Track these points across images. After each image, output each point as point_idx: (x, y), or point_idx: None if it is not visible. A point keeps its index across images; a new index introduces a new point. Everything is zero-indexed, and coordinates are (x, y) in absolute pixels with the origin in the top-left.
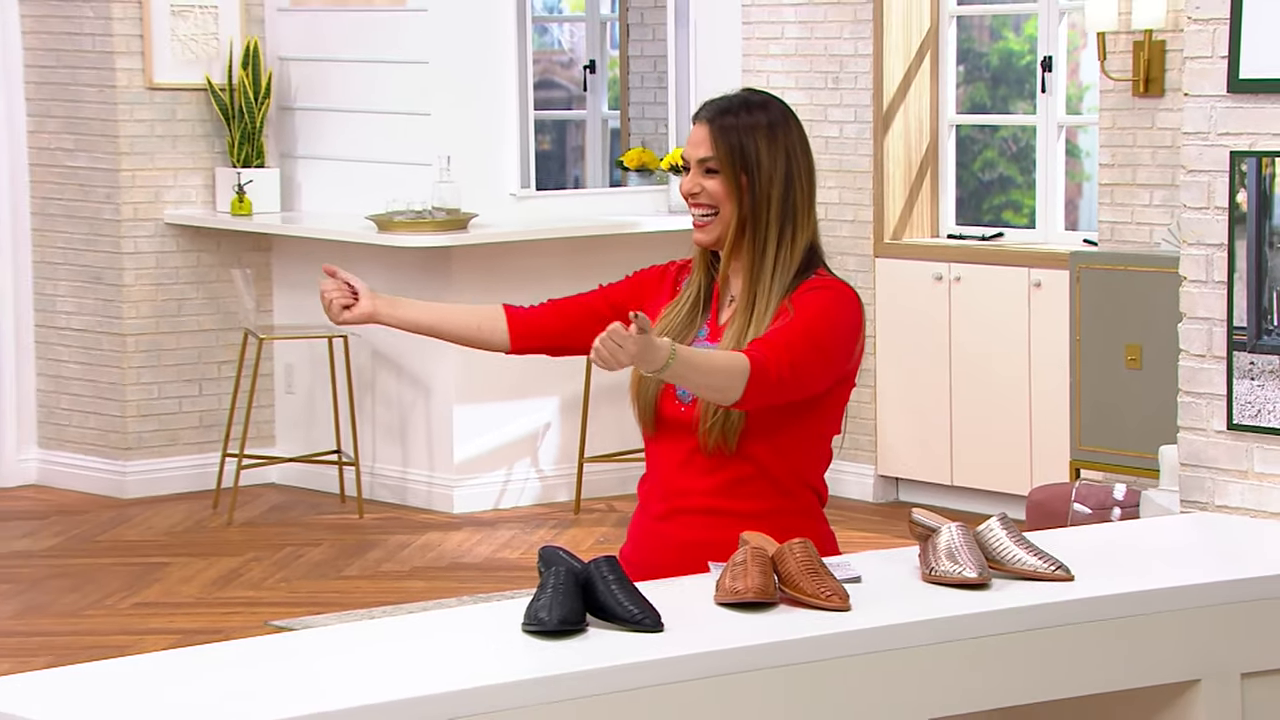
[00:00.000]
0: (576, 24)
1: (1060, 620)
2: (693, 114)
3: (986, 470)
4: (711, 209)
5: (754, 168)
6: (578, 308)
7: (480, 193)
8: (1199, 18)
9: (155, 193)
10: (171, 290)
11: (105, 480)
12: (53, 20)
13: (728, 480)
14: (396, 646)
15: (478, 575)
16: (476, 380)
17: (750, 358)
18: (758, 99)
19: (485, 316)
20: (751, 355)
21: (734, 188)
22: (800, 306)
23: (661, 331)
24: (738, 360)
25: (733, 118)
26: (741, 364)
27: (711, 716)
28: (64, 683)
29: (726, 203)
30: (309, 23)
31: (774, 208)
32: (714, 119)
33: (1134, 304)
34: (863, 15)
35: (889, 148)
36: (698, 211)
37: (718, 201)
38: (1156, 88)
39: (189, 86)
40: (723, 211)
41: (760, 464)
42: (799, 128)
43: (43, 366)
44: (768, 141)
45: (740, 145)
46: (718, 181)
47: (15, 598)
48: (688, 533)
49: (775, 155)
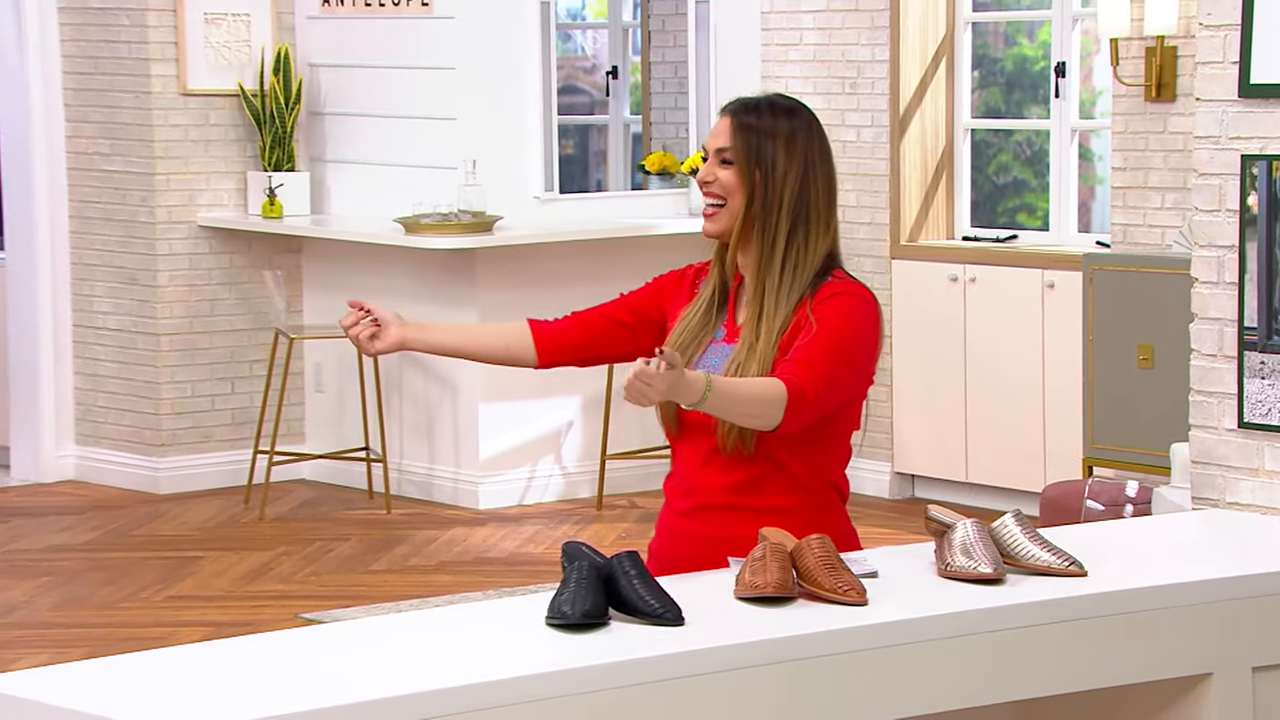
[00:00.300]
0: (599, 31)
1: (1073, 615)
2: (720, 107)
3: (1001, 467)
4: (721, 199)
5: (769, 165)
6: (601, 319)
7: (505, 196)
8: (1211, 24)
9: (189, 196)
10: (205, 291)
11: (140, 476)
12: (90, 29)
13: (748, 478)
14: (423, 639)
15: (502, 570)
16: (501, 379)
17: (786, 382)
18: (785, 103)
19: (512, 335)
20: (786, 380)
21: (746, 181)
22: (823, 317)
23: (680, 332)
24: (774, 387)
25: (755, 116)
26: (778, 391)
27: (731, 708)
28: (101, 673)
29: (737, 194)
30: (338, 30)
31: (785, 206)
32: (738, 113)
33: (1146, 304)
34: (880, 22)
35: (905, 151)
36: (709, 201)
37: (728, 192)
38: (1168, 93)
39: (222, 92)
40: (731, 203)
41: (779, 462)
42: (822, 138)
43: (80, 365)
44: (786, 144)
45: (758, 141)
46: (731, 173)
47: (54, 590)
48: (709, 528)
49: (792, 157)
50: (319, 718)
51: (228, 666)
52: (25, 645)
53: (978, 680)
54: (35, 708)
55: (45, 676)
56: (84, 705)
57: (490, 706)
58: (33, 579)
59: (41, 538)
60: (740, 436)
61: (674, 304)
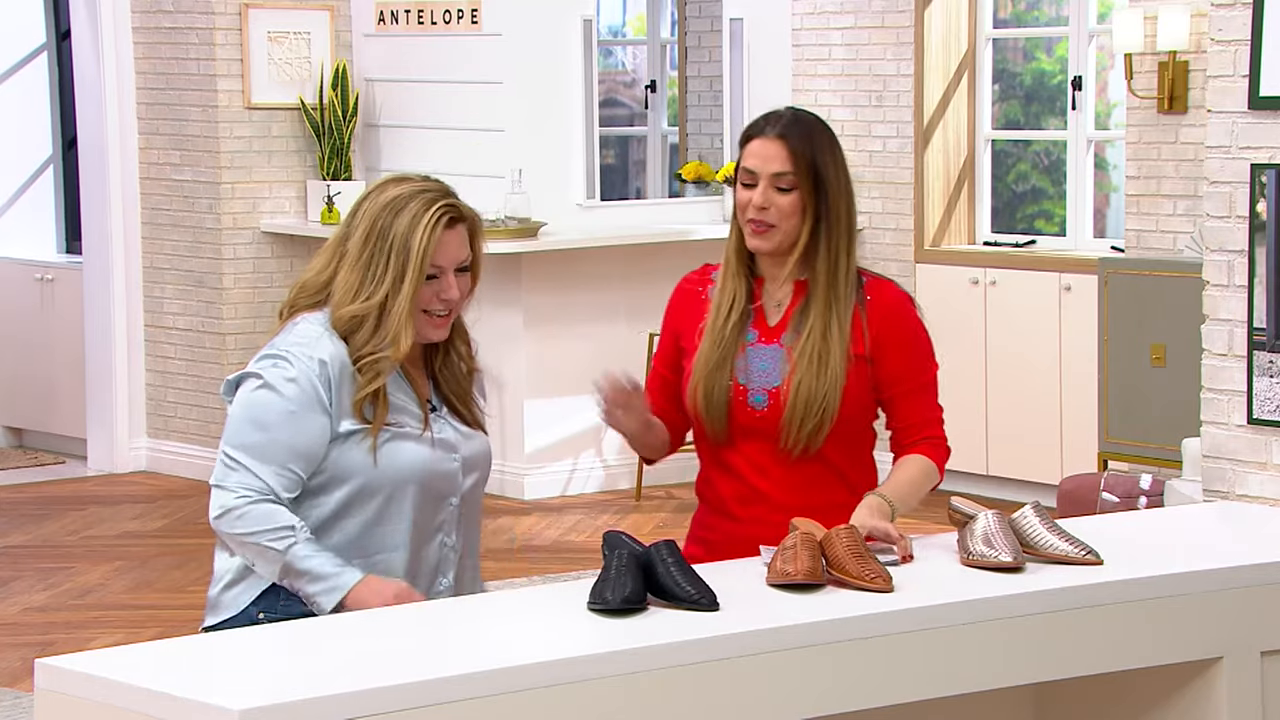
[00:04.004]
0: (639, 47)
1: (1090, 602)
2: (748, 128)
3: (1020, 461)
4: (774, 224)
5: (826, 182)
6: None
7: (549, 203)
8: (1221, 39)
9: (252, 204)
10: (267, 293)
11: (208, 467)
12: (162, 47)
13: (805, 478)
14: (472, 623)
15: (546, 557)
16: (546, 376)
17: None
18: (808, 116)
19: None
20: (927, 452)
21: (810, 202)
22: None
23: (715, 345)
24: (929, 470)
25: (804, 137)
26: (932, 468)
27: (763, 690)
28: (171, 652)
29: (793, 217)
30: (393, 47)
31: (843, 222)
32: (784, 132)
33: (1158, 306)
34: (905, 38)
35: (929, 161)
36: (758, 223)
37: (783, 217)
38: (1180, 105)
39: (283, 106)
40: (786, 225)
41: (833, 464)
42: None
43: (151, 363)
44: (831, 155)
45: (814, 161)
46: (791, 199)
47: (127, 574)
48: (771, 531)
49: (839, 171)
50: (371, 697)
51: (286, 647)
52: (100, 625)
53: (998, 663)
54: (109, 685)
55: (119, 655)
56: (155, 683)
57: (535, 686)
58: (107, 563)
59: (116, 525)
60: (810, 436)
61: (693, 319)
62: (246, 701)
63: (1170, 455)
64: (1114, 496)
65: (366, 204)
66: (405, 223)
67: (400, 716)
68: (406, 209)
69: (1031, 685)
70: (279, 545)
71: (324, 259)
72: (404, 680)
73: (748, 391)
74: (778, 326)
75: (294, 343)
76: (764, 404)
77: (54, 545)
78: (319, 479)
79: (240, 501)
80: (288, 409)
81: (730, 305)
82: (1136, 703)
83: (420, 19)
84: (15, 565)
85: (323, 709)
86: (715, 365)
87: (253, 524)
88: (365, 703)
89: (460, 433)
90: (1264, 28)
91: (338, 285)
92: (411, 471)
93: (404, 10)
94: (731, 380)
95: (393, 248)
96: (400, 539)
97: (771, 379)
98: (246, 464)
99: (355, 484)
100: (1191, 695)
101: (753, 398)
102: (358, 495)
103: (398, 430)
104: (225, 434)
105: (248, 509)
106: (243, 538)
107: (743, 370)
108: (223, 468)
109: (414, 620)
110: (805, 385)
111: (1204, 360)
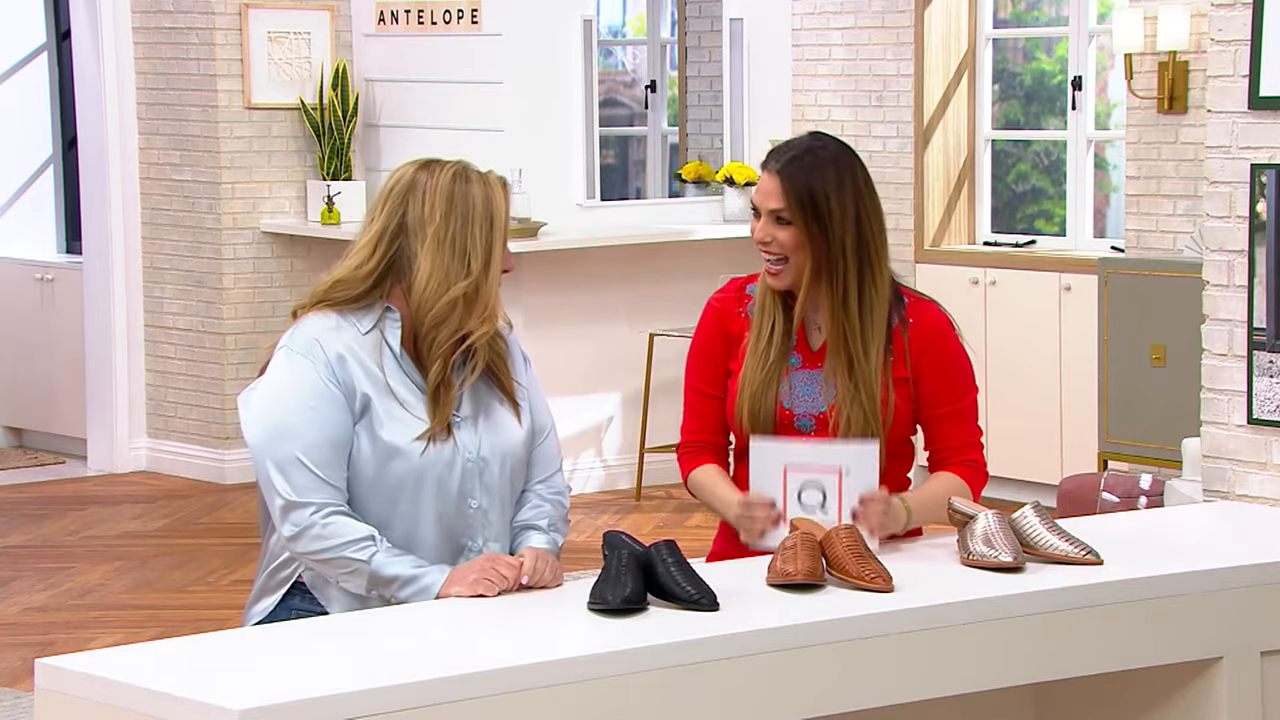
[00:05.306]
0: (639, 47)
1: (1090, 602)
2: (761, 162)
3: (1020, 461)
4: (783, 257)
5: (825, 217)
6: (717, 409)
7: (549, 203)
8: (1221, 39)
9: (252, 204)
10: (267, 293)
11: (207, 467)
12: (162, 47)
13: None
14: (472, 622)
15: None
16: (546, 376)
17: (961, 476)
18: (821, 143)
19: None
20: (964, 474)
21: (806, 237)
22: (940, 371)
23: (759, 368)
24: (958, 485)
25: (802, 170)
26: (964, 489)
27: (763, 689)
28: (171, 652)
29: (798, 252)
30: (393, 47)
31: (850, 255)
32: (783, 168)
33: (1158, 306)
34: (905, 38)
35: (929, 161)
36: (770, 258)
37: (788, 251)
38: (1180, 105)
39: (283, 106)
40: (794, 259)
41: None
42: (863, 168)
43: (151, 363)
44: (836, 188)
45: (810, 195)
46: (790, 233)
47: (127, 574)
48: None
49: (844, 201)
50: (371, 697)
51: (286, 647)
52: (101, 625)
53: (998, 663)
54: (109, 685)
55: (119, 655)
56: (155, 683)
57: (535, 686)
58: (107, 563)
59: (116, 524)
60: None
61: (734, 335)
62: (246, 701)
63: (1170, 455)
64: (1114, 496)
65: (425, 189)
66: (479, 191)
67: (400, 716)
68: (471, 180)
69: (1031, 685)
70: (363, 555)
71: (364, 252)
72: (404, 680)
73: (793, 416)
74: (820, 351)
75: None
76: (811, 429)
77: (54, 545)
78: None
79: (316, 518)
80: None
81: (771, 328)
82: (1136, 703)
83: (420, 19)
84: (15, 565)
85: (323, 709)
86: (760, 388)
87: (333, 537)
88: (365, 703)
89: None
90: (1264, 28)
91: (422, 274)
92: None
93: (404, 10)
94: (776, 404)
95: (475, 219)
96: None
97: (817, 404)
98: (298, 475)
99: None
100: (1191, 695)
101: (799, 422)
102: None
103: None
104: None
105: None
106: (324, 554)
107: (787, 395)
108: (281, 481)
109: (414, 620)
110: (855, 421)
111: (1204, 360)
